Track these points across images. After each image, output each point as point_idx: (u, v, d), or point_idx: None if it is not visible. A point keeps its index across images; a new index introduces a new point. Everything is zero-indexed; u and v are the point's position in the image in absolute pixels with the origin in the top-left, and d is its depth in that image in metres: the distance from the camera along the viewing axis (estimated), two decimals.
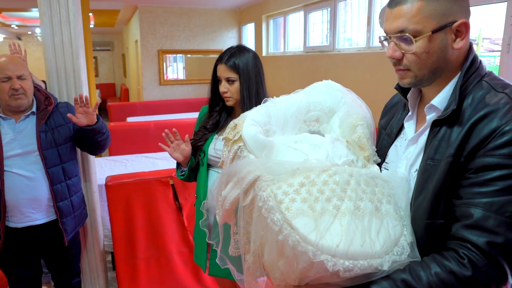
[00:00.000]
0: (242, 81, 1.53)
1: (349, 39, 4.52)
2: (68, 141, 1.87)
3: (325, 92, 1.22)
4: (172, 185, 2.20)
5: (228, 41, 7.17)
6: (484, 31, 2.88)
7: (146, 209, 2.19)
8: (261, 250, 0.96)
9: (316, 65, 4.87)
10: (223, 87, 1.55)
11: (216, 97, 1.64)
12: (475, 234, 0.77)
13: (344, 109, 1.18)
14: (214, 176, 1.59)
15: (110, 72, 13.24)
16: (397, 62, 0.90)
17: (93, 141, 1.88)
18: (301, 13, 5.22)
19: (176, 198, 2.22)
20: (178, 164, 1.69)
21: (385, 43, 0.94)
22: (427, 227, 0.87)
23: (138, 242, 2.20)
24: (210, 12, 6.95)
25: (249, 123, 1.10)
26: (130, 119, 5.59)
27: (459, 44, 0.85)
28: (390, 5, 0.89)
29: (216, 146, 1.58)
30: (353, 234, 0.84)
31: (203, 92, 7.20)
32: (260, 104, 1.51)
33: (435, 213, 0.85)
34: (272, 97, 1.29)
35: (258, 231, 0.95)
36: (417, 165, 0.93)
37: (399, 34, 0.86)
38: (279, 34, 6.25)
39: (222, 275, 1.57)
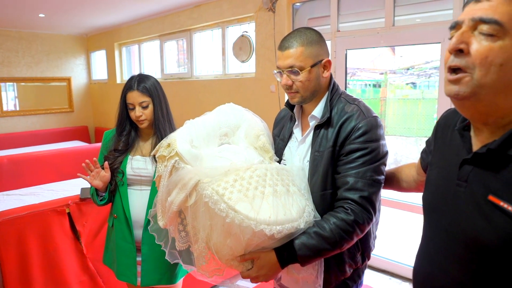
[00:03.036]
0: (155, 103, 1.71)
1: (197, 68, 4.99)
2: None
3: (230, 113, 1.56)
4: (68, 213, 2.18)
5: (76, 68, 6.86)
6: None
7: (41, 242, 2.10)
8: (209, 237, 1.23)
9: (175, 91, 5.17)
10: (138, 111, 1.70)
11: (124, 122, 1.79)
12: (352, 193, 1.22)
13: (246, 124, 1.54)
14: (134, 194, 1.74)
15: None
16: (289, 87, 1.31)
17: None
18: (157, 41, 5.46)
19: (73, 226, 2.21)
20: (93, 193, 1.77)
21: (278, 74, 1.34)
22: (321, 197, 1.29)
23: (33, 279, 2.08)
24: (54, 37, 6.55)
25: (181, 141, 1.35)
26: None
27: (325, 74, 1.32)
28: (281, 48, 1.31)
29: (133, 166, 1.73)
30: (277, 208, 1.20)
31: (49, 122, 6.65)
32: (170, 120, 1.77)
33: (325, 186, 1.28)
34: None
35: (205, 222, 1.22)
36: (307, 157, 1.35)
37: (289, 69, 1.28)
38: (132, 62, 6.34)
39: (154, 283, 1.72)
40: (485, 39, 0.76)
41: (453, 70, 0.80)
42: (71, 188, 3.48)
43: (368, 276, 3.12)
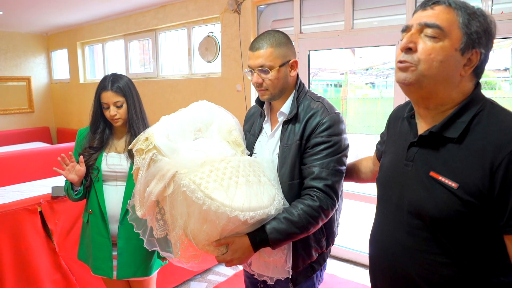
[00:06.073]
0: (129, 102, 1.77)
1: (163, 68, 5.01)
2: None
3: (203, 109, 1.66)
4: (40, 212, 2.18)
5: (36, 67, 6.64)
6: None
7: (12, 242, 2.09)
8: (187, 224, 1.32)
9: (142, 90, 5.09)
10: (113, 111, 1.75)
11: (98, 121, 1.83)
12: (317, 182, 1.34)
13: (219, 120, 1.64)
14: (109, 190, 1.78)
15: None
16: (259, 85, 1.42)
17: None
18: (122, 41, 5.42)
19: (45, 224, 2.21)
20: (69, 188, 1.80)
21: (249, 73, 1.45)
22: (290, 186, 1.41)
23: (5, 279, 2.06)
24: (12, 35, 6.31)
25: (158, 135, 1.43)
26: None
27: (292, 73, 1.44)
28: (252, 49, 1.41)
29: (108, 162, 1.78)
30: (250, 196, 1.30)
31: (8, 123, 6.39)
32: (144, 118, 1.84)
33: (293, 176, 1.40)
34: None
35: (183, 210, 1.31)
36: (276, 150, 1.47)
37: (260, 68, 1.39)
38: (96, 61, 6.23)
39: (130, 276, 1.78)
40: (429, 40, 0.94)
41: (402, 62, 0.97)
42: (37, 189, 3.42)
43: (333, 266, 3.30)
